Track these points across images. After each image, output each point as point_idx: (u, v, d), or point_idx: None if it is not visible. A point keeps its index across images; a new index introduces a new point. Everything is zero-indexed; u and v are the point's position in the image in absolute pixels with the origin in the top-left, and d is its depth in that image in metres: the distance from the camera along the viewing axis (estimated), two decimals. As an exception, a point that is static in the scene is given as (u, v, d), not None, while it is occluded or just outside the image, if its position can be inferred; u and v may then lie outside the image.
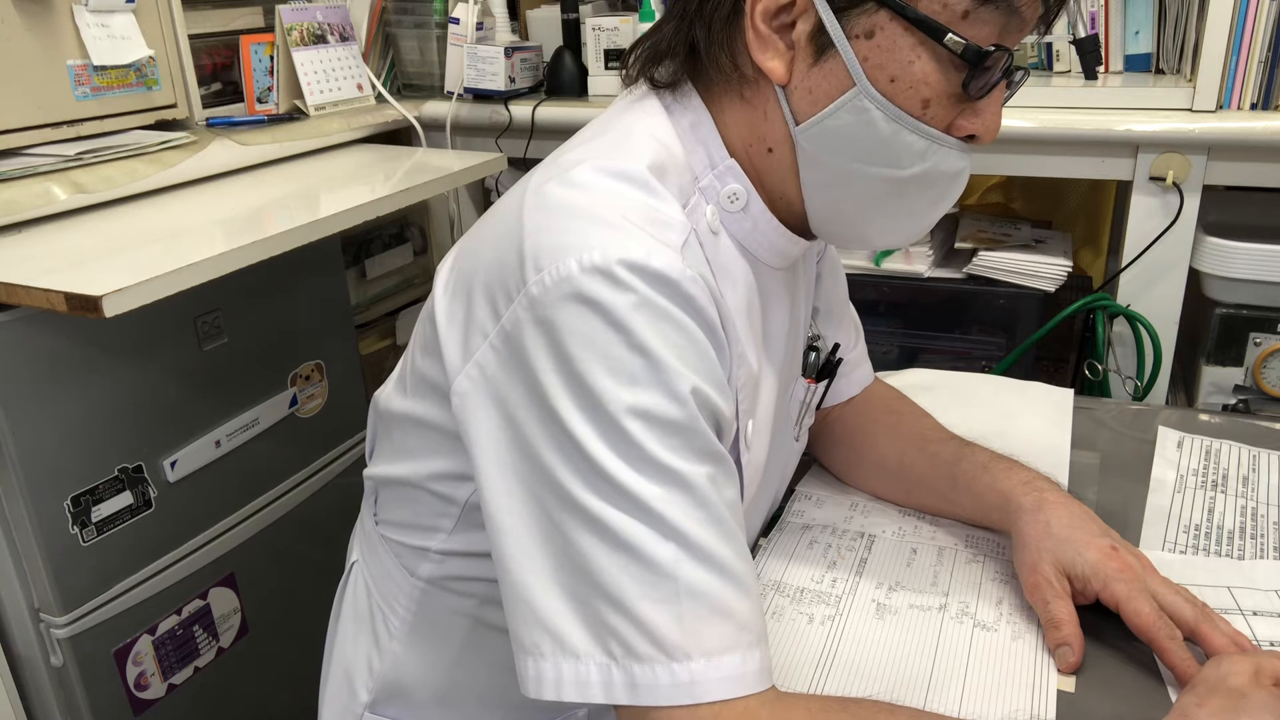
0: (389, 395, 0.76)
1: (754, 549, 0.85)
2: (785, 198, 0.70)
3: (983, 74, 0.62)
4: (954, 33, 0.60)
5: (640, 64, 0.71)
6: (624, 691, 0.56)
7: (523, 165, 1.69)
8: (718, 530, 0.58)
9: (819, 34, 0.63)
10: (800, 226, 0.72)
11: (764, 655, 0.59)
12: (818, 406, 0.88)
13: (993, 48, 0.61)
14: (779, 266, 0.74)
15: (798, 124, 0.66)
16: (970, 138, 0.66)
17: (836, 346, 0.87)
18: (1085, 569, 0.72)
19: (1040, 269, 1.41)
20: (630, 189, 0.63)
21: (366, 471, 0.81)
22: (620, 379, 0.57)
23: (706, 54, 0.67)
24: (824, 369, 0.85)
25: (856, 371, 0.96)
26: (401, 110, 1.70)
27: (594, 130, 0.71)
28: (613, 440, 0.57)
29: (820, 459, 0.99)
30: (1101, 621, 0.71)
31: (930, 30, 0.60)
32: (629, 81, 0.73)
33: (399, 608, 0.77)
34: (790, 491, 0.94)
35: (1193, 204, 1.29)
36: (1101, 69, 1.41)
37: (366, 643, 0.81)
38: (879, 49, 0.62)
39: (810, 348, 0.85)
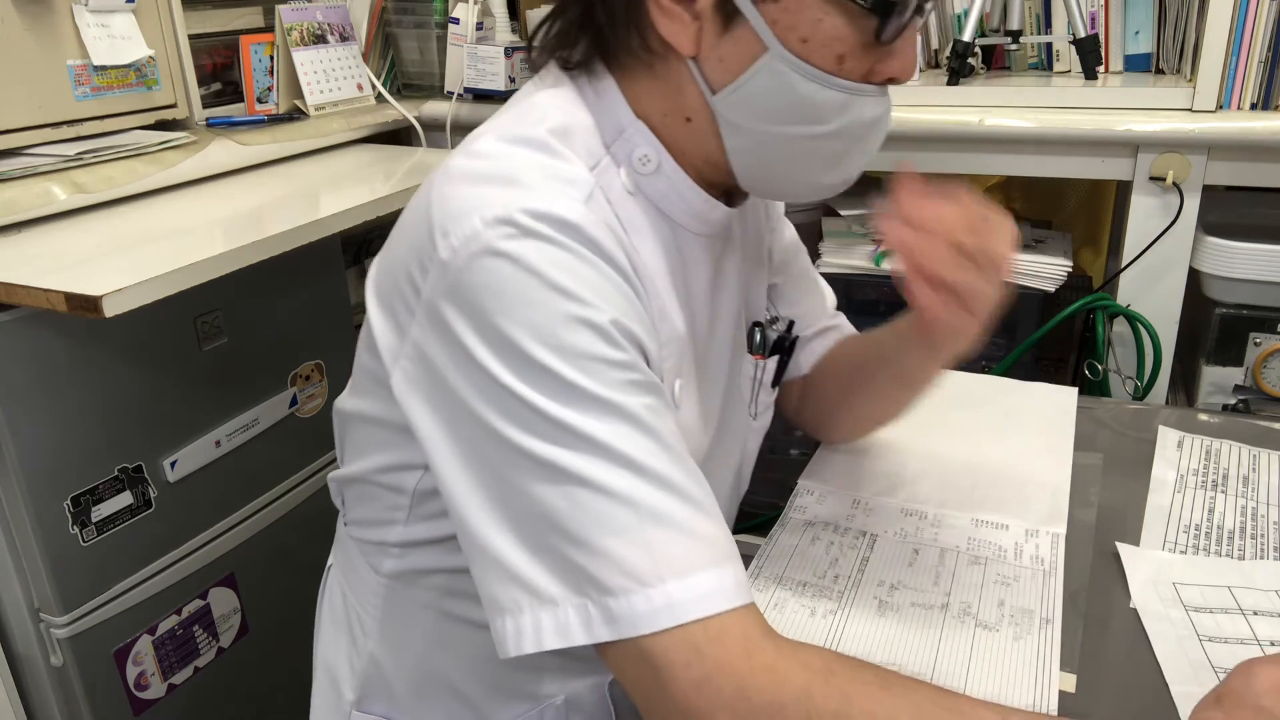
0: (343, 398, 0.77)
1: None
2: (710, 162, 0.70)
3: (894, 19, 0.62)
4: None
5: (546, 49, 0.71)
6: (604, 628, 0.56)
7: (523, 165, 1.68)
8: (668, 456, 0.58)
9: (724, 2, 0.62)
10: (725, 191, 0.72)
11: (738, 570, 0.59)
12: (775, 383, 0.88)
13: None
14: (701, 232, 0.73)
15: (714, 93, 0.65)
16: (889, 80, 0.66)
17: (792, 324, 0.87)
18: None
19: (1040, 269, 1.41)
20: (530, 151, 0.63)
21: (330, 475, 0.82)
22: (539, 322, 0.57)
23: (612, 35, 0.67)
24: (776, 346, 0.85)
25: (814, 342, 0.95)
26: (401, 110, 1.70)
27: (502, 109, 0.71)
28: (545, 385, 0.57)
29: (813, 433, 0.99)
30: (1101, 621, 0.72)
31: None
32: (535, 68, 0.72)
33: (370, 606, 0.78)
34: (792, 487, 0.94)
35: (1193, 204, 1.29)
36: (1101, 69, 1.41)
37: (345, 643, 0.82)
38: (787, 11, 0.61)
39: (755, 324, 0.85)
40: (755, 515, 1.45)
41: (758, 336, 0.85)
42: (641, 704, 0.58)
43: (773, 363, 0.86)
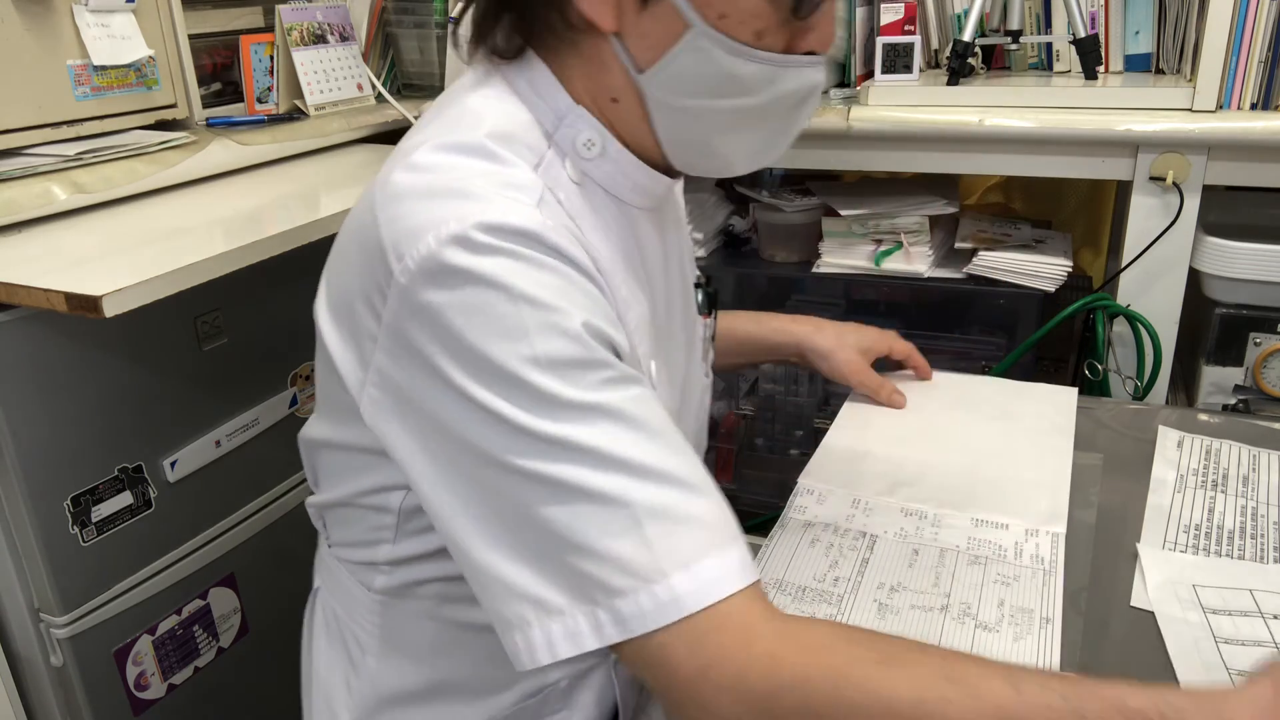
0: (309, 426, 0.77)
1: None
2: (641, 142, 0.70)
3: None
4: None
5: (475, 39, 0.70)
6: (614, 630, 0.56)
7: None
8: (657, 445, 0.58)
9: None
10: (660, 166, 0.72)
11: (741, 550, 0.59)
12: (712, 338, 0.90)
13: None
14: (647, 207, 0.74)
15: (640, 71, 0.65)
16: (809, 53, 0.66)
17: (710, 279, 0.90)
18: (880, 343, 1.12)
19: (1040, 269, 1.41)
20: (472, 160, 0.62)
21: (308, 500, 0.81)
22: (511, 336, 0.57)
23: (532, 13, 0.66)
24: (710, 303, 0.88)
25: None
26: (401, 110, 1.70)
27: (432, 113, 0.70)
28: (525, 399, 0.56)
29: None
30: (1101, 621, 0.72)
31: None
32: (467, 58, 0.71)
33: (366, 623, 0.78)
34: (792, 487, 0.94)
35: (1193, 204, 1.29)
36: (1101, 69, 1.41)
37: (342, 664, 0.81)
38: None
39: (696, 284, 0.86)
40: (755, 515, 1.45)
41: (699, 297, 0.86)
42: (654, 690, 0.59)
43: (714, 320, 0.88)
